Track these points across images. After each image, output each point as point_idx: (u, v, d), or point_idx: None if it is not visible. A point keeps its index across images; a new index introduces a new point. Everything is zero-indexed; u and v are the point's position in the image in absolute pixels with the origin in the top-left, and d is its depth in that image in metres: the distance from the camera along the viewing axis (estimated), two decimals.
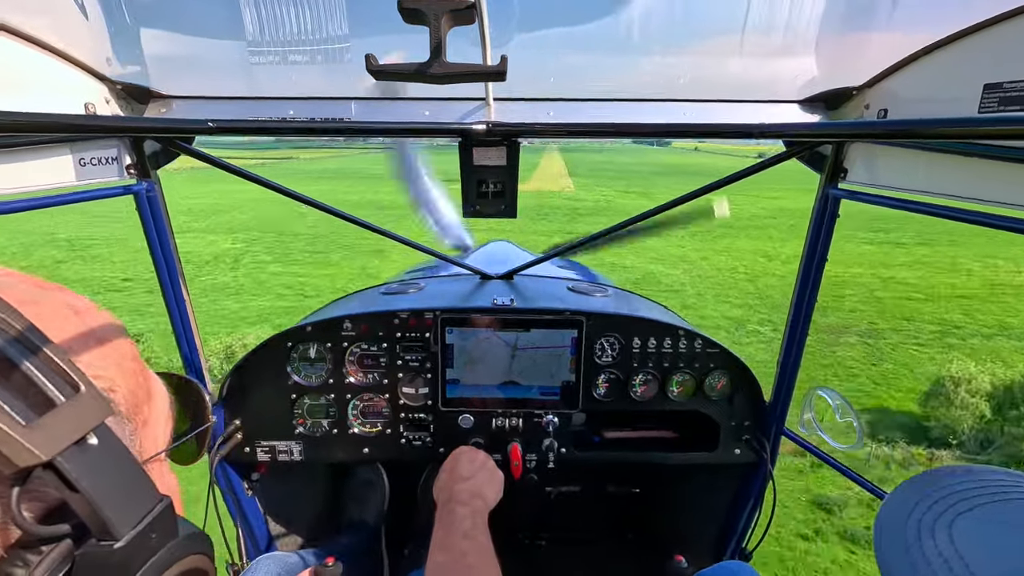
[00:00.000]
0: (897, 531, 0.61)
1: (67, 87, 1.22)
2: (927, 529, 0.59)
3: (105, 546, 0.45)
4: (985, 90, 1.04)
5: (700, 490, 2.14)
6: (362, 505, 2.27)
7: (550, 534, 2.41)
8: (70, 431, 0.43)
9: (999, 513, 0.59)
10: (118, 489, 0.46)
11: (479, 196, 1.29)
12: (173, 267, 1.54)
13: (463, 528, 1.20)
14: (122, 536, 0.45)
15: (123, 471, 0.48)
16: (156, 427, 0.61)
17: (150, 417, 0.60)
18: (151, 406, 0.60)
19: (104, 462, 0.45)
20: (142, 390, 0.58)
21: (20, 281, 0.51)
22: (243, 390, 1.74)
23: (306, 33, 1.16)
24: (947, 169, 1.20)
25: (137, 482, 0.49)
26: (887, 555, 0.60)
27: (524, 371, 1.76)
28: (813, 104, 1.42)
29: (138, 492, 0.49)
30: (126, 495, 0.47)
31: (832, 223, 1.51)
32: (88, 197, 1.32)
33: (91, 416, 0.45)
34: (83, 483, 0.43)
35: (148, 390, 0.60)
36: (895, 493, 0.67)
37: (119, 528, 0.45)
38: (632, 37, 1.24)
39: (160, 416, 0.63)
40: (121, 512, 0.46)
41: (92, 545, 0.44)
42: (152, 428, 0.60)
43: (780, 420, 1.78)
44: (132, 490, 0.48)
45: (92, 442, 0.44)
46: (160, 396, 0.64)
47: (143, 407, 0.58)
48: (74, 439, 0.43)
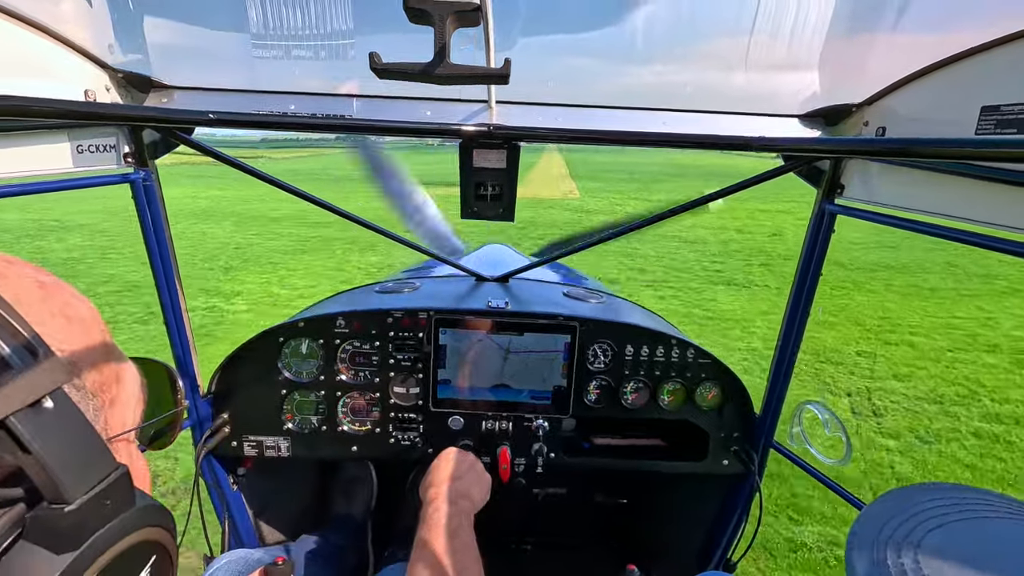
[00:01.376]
0: (867, 547, 0.62)
1: (67, 73, 1.22)
2: (895, 546, 0.59)
3: (56, 509, 0.45)
4: (983, 112, 1.05)
5: (687, 499, 2.15)
6: (350, 501, 2.26)
7: (536, 538, 2.41)
8: (25, 393, 0.43)
9: (967, 532, 0.60)
10: (72, 453, 0.46)
11: (477, 198, 1.29)
12: (167, 256, 1.53)
13: (448, 527, 1.20)
14: (74, 500, 0.45)
15: (78, 436, 0.48)
16: (125, 408, 0.62)
17: (118, 397, 0.60)
18: (120, 386, 0.61)
19: (58, 426, 0.45)
20: (110, 370, 0.58)
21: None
22: (232, 384, 1.73)
23: (310, 28, 1.16)
24: (943, 189, 1.21)
25: (92, 448, 0.49)
26: (857, 571, 0.60)
27: (516, 375, 1.76)
28: (812, 119, 1.44)
29: (93, 458, 0.49)
30: (80, 460, 0.47)
31: (827, 238, 1.52)
32: (85, 184, 1.31)
33: (47, 380, 0.45)
34: (35, 444, 0.43)
35: (116, 370, 0.60)
36: (868, 509, 0.68)
37: (71, 491, 0.45)
38: (636, 46, 1.25)
39: (130, 398, 0.63)
40: (74, 476, 0.46)
41: (43, 508, 0.45)
42: (120, 409, 0.60)
43: (769, 432, 1.79)
44: (87, 456, 0.48)
45: (47, 405, 0.45)
46: (131, 378, 0.64)
47: (111, 386, 0.58)
48: (28, 401, 0.43)
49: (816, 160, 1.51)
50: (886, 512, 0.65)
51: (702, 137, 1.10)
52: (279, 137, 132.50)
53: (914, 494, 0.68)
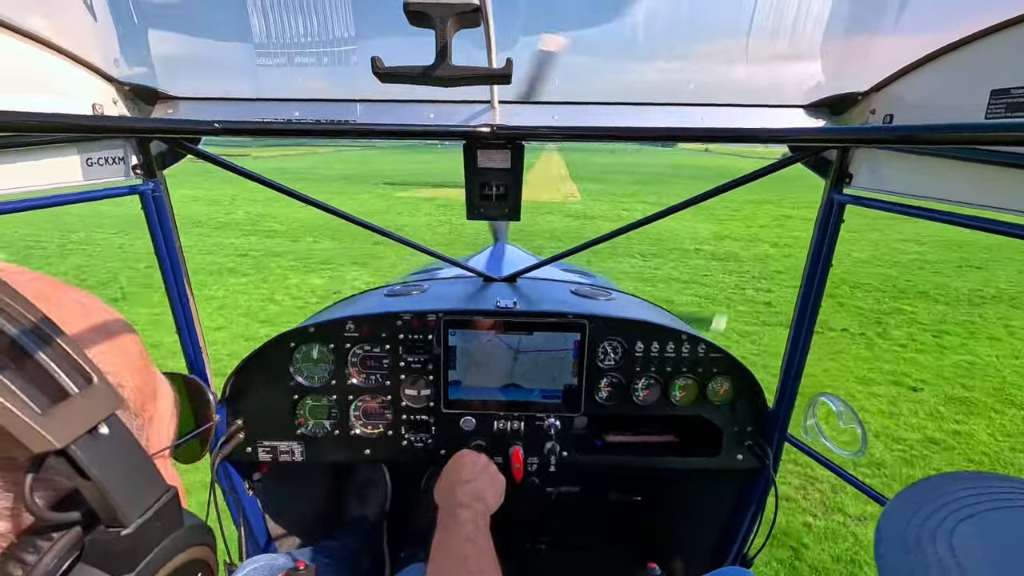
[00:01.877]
0: (897, 537, 0.60)
1: (76, 88, 1.24)
2: (928, 535, 0.58)
3: (113, 532, 0.46)
4: (992, 96, 1.04)
5: (701, 495, 2.13)
6: (364, 504, 2.27)
7: (550, 538, 2.41)
8: (83, 420, 0.44)
9: (1001, 521, 0.58)
10: (127, 478, 0.47)
11: (483, 198, 1.30)
12: (178, 266, 1.55)
13: (465, 531, 1.20)
14: (130, 523, 0.46)
15: (132, 461, 0.49)
16: (160, 424, 0.62)
17: (155, 414, 0.61)
18: (156, 404, 0.61)
19: (114, 451, 0.46)
20: (148, 387, 0.59)
21: (34, 279, 0.53)
22: (245, 390, 1.74)
23: (313, 35, 1.17)
24: (953, 175, 1.19)
25: (145, 472, 0.50)
26: (887, 561, 0.59)
27: (526, 374, 1.76)
28: (818, 109, 1.42)
29: (146, 481, 0.50)
30: (135, 484, 0.48)
31: (837, 228, 1.51)
32: (94, 197, 1.33)
33: (103, 406, 0.46)
34: (94, 471, 0.44)
35: (153, 387, 0.61)
36: (896, 499, 0.67)
37: (127, 515, 0.46)
38: (637, 41, 1.25)
39: (164, 414, 0.63)
40: (130, 500, 0.47)
41: (101, 531, 0.45)
42: (156, 425, 0.61)
43: (783, 426, 1.77)
44: (140, 479, 0.49)
45: (103, 431, 0.46)
46: (165, 394, 0.65)
47: (148, 404, 0.59)
48: (87, 428, 0.44)
49: (823, 150, 1.50)
50: (915, 502, 0.64)
51: (707, 131, 1.09)
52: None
53: (943, 483, 0.66)
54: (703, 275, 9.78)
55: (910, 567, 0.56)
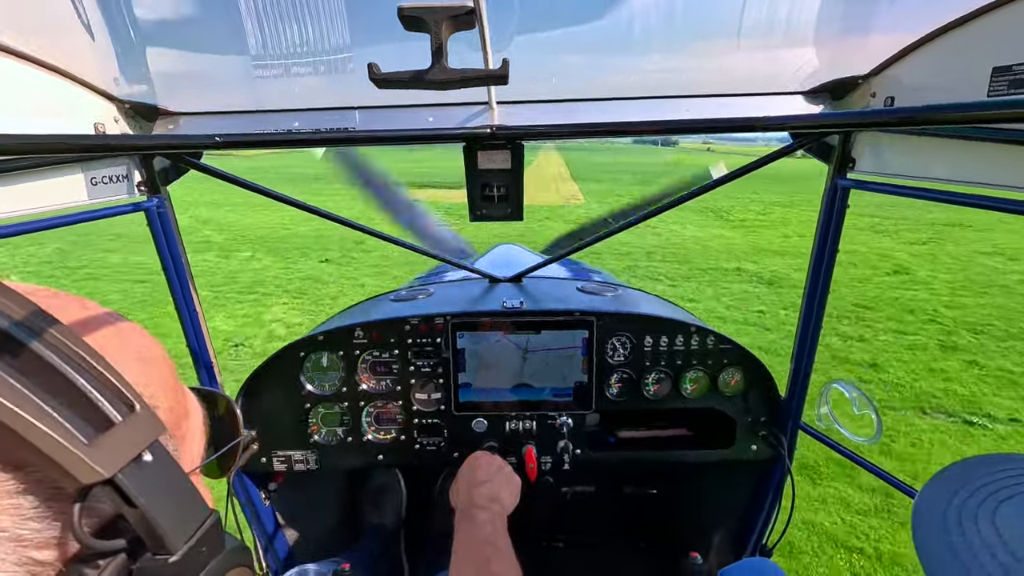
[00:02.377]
0: (935, 518, 0.60)
1: (77, 108, 1.25)
2: (969, 515, 0.58)
3: (160, 560, 0.46)
4: (994, 73, 1.02)
5: (717, 488, 2.13)
6: (380, 510, 2.28)
7: (567, 536, 2.41)
8: (128, 448, 0.44)
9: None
10: (172, 504, 0.47)
11: (484, 200, 1.30)
12: (185, 281, 1.56)
13: (484, 534, 1.20)
14: (177, 550, 0.47)
15: (176, 486, 0.49)
16: (192, 443, 0.62)
17: (187, 433, 0.61)
18: (188, 422, 0.62)
19: (159, 478, 0.47)
20: (181, 407, 0.59)
21: (69, 303, 0.53)
22: (257, 401, 1.75)
23: (309, 45, 1.18)
24: (957, 155, 1.18)
25: (189, 497, 0.50)
26: (925, 542, 0.59)
27: (536, 373, 1.76)
28: (818, 95, 1.41)
29: (190, 507, 0.50)
30: (180, 510, 0.48)
31: (842, 214, 1.50)
32: (100, 216, 1.34)
33: (146, 433, 0.47)
34: (141, 499, 0.44)
35: (185, 406, 0.61)
36: (932, 482, 0.66)
37: (174, 542, 0.46)
38: (633, 35, 1.24)
39: (196, 432, 0.64)
40: (176, 526, 0.47)
41: (148, 559, 0.46)
42: (189, 444, 0.61)
43: (796, 415, 1.76)
44: (185, 505, 0.50)
45: (147, 459, 0.46)
46: (195, 412, 0.65)
47: (182, 423, 0.59)
48: (132, 456, 0.44)
49: (825, 135, 1.49)
50: (952, 485, 0.63)
51: (707, 121, 1.09)
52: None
53: (980, 466, 0.66)
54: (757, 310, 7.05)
55: (952, 546, 0.56)
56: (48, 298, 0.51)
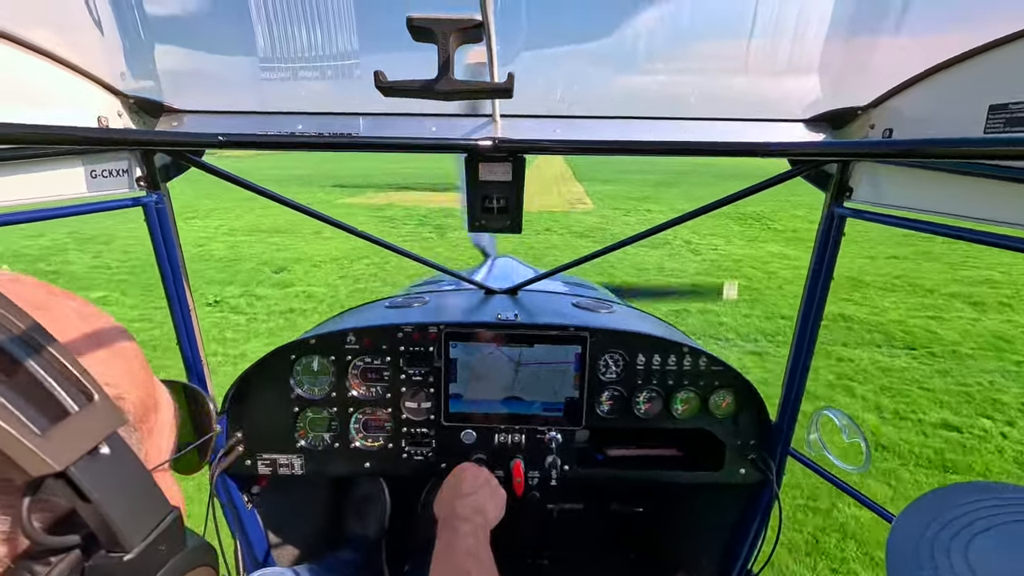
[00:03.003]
0: (909, 551, 0.59)
1: (81, 100, 1.25)
2: (942, 549, 0.57)
3: (115, 557, 0.44)
4: (991, 111, 1.04)
5: (704, 510, 2.11)
6: (363, 519, 2.25)
7: (552, 552, 2.38)
8: (83, 441, 0.42)
9: (1019, 533, 0.57)
10: (129, 500, 0.46)
11: (484, 211, 1.30)
12: (179, 278, 1.55)
13: (465, 546, 1.19)
14: (132, 548, 0.45)
15: (134, 481, 0.47)
16: (161, 436, 0.61)
17: (155, 426, 0.59)
18: (157, 415, 0.60)
19: (116, 472, 0.45)
20: (150, 399, 0.58)
21: (30, 287, 0.51)
22: (245, 402, 1.74)
23: (316, 49, 1.18)
24: (952, 189, 1.20)
25: (148, 493, 0.49)
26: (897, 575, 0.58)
27: (527, 387, 1.75)
28: (818, 123, 1.43)
29: (149, 503, 0.48)
30: (137, 506, 0.47)
31: (838, 241, 1.51)
32: (99, 208, 1.33)
33: (104, 425, 0.45)
34: (95, 494, 0.42)
35: (155, 398, 0.59)
36: (907, 511, 0.65)
37: (130, 539, 0.45)
38: (638, 55, 1.26)
39: (165, 425, 0.62)
40: (132, 523, 0.45)
41: (102, 556, 0.44)
42: (157, 437, 0.59)
43: (786, 440, 1.76)
44: (143, 501, 0.48)
45: (104, 452, 0.44)
46: (166, 405, 0.63)
47: (149, 416, 0.57)
48: (87, 449, 0.42)
49: (823, 164, 1.50)
50: (925, 516, 0.62)
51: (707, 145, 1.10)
52: None
53: (953, 496, 0.65)
54: (938, 422, 4.48)
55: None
56: (9, 283, 0.49)
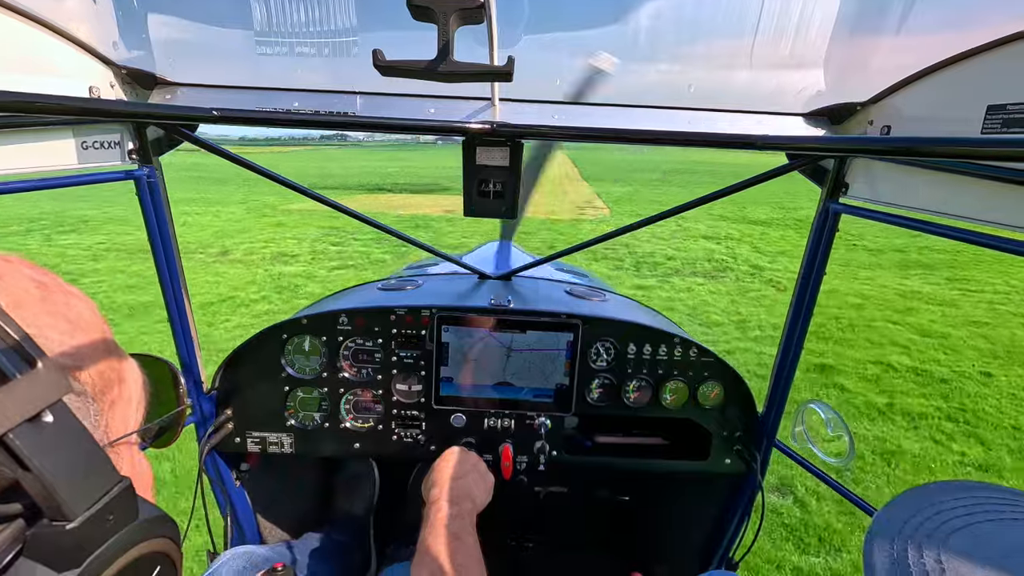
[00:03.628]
0: (886, 545, 0.60)
1: (72, 69, 1.22)
2: (916, 545, 0.58)
3: (58, 527, 0.43)
4: (988, 111, 1.04)
5: (689, 499, 2.15)
6: (351, 499, 2.27)
7: (537, 536, 2.41)
8: (23, 407, 0.41)
9: (994, 533, 0.58)
10: (73, 469, 0.45)
11: (480, 195, 1.29)
12: (171, 252, 1.54)
13: (451, 528, 1.20)
14: (76, 517, 0.44)
15: (79, 451, 0.46)
16: (127, 409, 0.60)
17: (120, 397, 0.58)
18: (122, 387, 0.59)
19: (59, 441, 0.44)
20: (112, 370, 0.57)
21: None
22: (236, 380, 1.74)
23: (314, 25, 1.16)
24: (948, 188, 1.20)
25: (94, 463, 0.48)
26: (876, 570, 0.59)
27: (518, 372, 1.76)
28: (817, 118, 1.43)
29: (95, 473, 0.48)
30: (81, 475, 0.46)
31: (831, 237, 1.52)
32: (89, 180, 1.31)
33: (47, 393, 0.44)
34: (35, 461, 0.41)
35: (119, 371, 0.59)
36: (888, 507, 0.67)
37: (73, 508, 0.44)
38: (639, 44, 1.25)
39: (132, 398, 0.61)
40: (75, 492, 0.44)
41: (44, 525, 0.43)
42: (122, 409, 0.59)
43: (772, 432, 1.79)
44: (88, 471, 0.47)
45: (47, 420, 0.43)
46: (133, 378, 0.62)
47: (113, 387, 0.57)
48: (27, 416, 0.41)
49: (820, 159, 1.50)
50: (905, 512, 0.64)
51: (706, 135, 1.09)
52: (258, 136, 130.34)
53: (934, 494, 0.66)
54: None
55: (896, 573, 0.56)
56: None
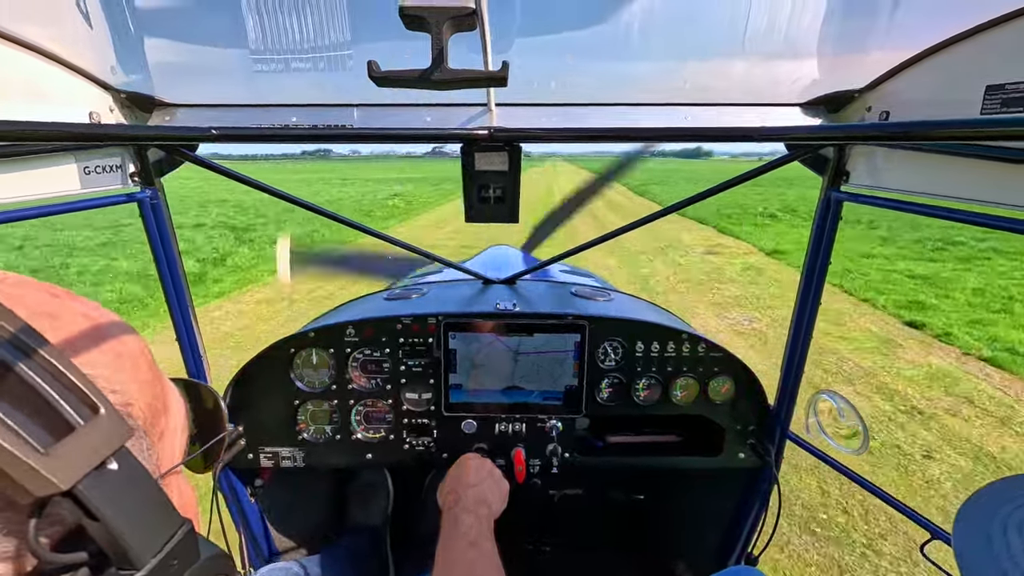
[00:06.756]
0: (980, 525, 0.62)
1: (72, 96, 1.23)
2: (1014, 526, 0.60)
3: (126, 575, 0.43)
4: (987, 91, 1.04)
5: (705, 495, 2.13)
6: (366, 508, 2.27)
7: (554, 540, 2.41)
8: (89, 457, 0.41)
9: None
10: (139, 515, 0.44)
11: (481, 201, 1.30)
12: (176, 273, 1.55)
13: (469, 536, 1.20)
14: (143, 565, 0.43)
15: (144, 496, 0.46)
16: (173, 438, 0.59)
17: (166, 429, 0.57)
18: (168, 417, 0.58)
19: (124, 488, 0.43)
20: (159, 402, 0.56)
21: (32, 290, 0.49)
22: (246, 396, 1.74)
23: (309, 40, 1.17)
24: (949, 171, 1.19)
25: (158, 507, 0.47)
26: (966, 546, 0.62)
27: (527, 376, 1.76)
28: (815, 107, 1.43)
29: (159, 517, 0.47)
30: (147, 521, 0.45)
31: (835, 225, 1.51)
32: (92, 205, 1.33)
33: (111, 440, 0.43)
34: (103, 511, 0.41)
35: (165, 401, 0.57)
36: (983, 490, 0.69)
37: (141, 556, 0.43)
38: (633, 41, 1.25)
39: (176, 428, 0.60)
40: (143, 539, 0.44)
41: (112, 574, 0.43)
42: (169, 440, 0.58)
43: (784, 424, 1.77)
44: (153, 516, 0.46)
45: (112, 467, 0.42)
46: (176, 406, 0.61)
47: (160, 419, 0.56)
48: (94, 465, 0.41)
49: (820, 148, 1.50)
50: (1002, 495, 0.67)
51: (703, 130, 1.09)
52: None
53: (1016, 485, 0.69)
54: None
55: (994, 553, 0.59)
56: (12, 286, 0.47)
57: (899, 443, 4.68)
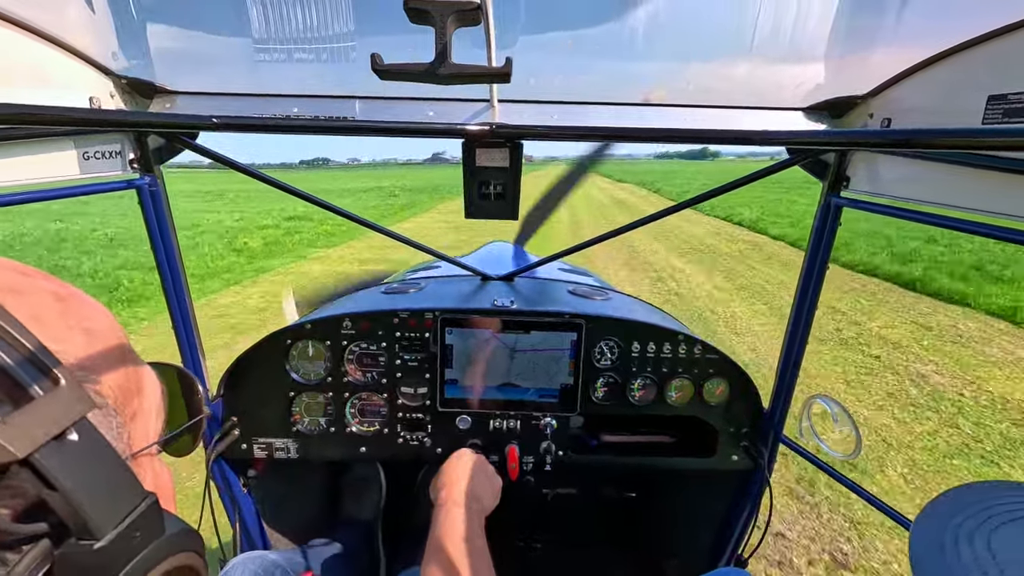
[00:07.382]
0: (934, 535, 0.63)
1: (72, 81, 1.23)
2: (965, 536, 0.60)
3: (85, 546, 0.43)
4: (989, 101, 1.04)
5: (697, 496, 2.14)
6: (359, 502, 2.27)
7: (546, 537, 2.41)
8: (48, 427, 0.41)
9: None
10: (99, 487, 0.44)
11: (481, 197, 1.29)
12: (174, 261, 1.54)
13: (460, 531, 1.20)
14: (103, 535, 0.44)
15: (105, 468, 0.46)
16: (147, 420, 0.60)
17: (140, 409, 0.58)
18: (141, 398, 0.59)
19: (85, 459, 0.44)
20: (132, 382, 0.56)
21: (3, 270, 0.50)
22: (241, 387, 1.74)
23: (312, 31, 1.17)
24: (950, 180, 1.20)
25: (120, 479, 0.47)
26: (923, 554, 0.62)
27: (523, 373, 1.76)
28: (817, 112, 1.43)
29: (121, 490, 0.47)
30: (108, 493, 0.45)
31: (834, 231, 1.52)
32: (91, 191, 1.32)
33: (71, 411, 0.43)
34: (62, 481, 0.41)
35: (139, 382, 0.58)
36: (936, 501, 0.69)
37: (100, 527, 0.44)
38: (638, 42, 1.25)
39: (151, 408, 0.61)
40: (102, 511, 0.44)
41: (72, 545, 0.43)
42: (143, 421, 0.58)
43: (778, 427, 1.78)
44: (114, 488, 0.47)
45: (72, 438, 0.43)
46: (152, 388, 0.62)
47: (132, 400, 0.56)
48: (52, 435, 0.41)
49: (821, 153, 1.50)
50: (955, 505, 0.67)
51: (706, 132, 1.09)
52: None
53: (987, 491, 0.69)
54: None
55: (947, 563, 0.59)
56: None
57: None
